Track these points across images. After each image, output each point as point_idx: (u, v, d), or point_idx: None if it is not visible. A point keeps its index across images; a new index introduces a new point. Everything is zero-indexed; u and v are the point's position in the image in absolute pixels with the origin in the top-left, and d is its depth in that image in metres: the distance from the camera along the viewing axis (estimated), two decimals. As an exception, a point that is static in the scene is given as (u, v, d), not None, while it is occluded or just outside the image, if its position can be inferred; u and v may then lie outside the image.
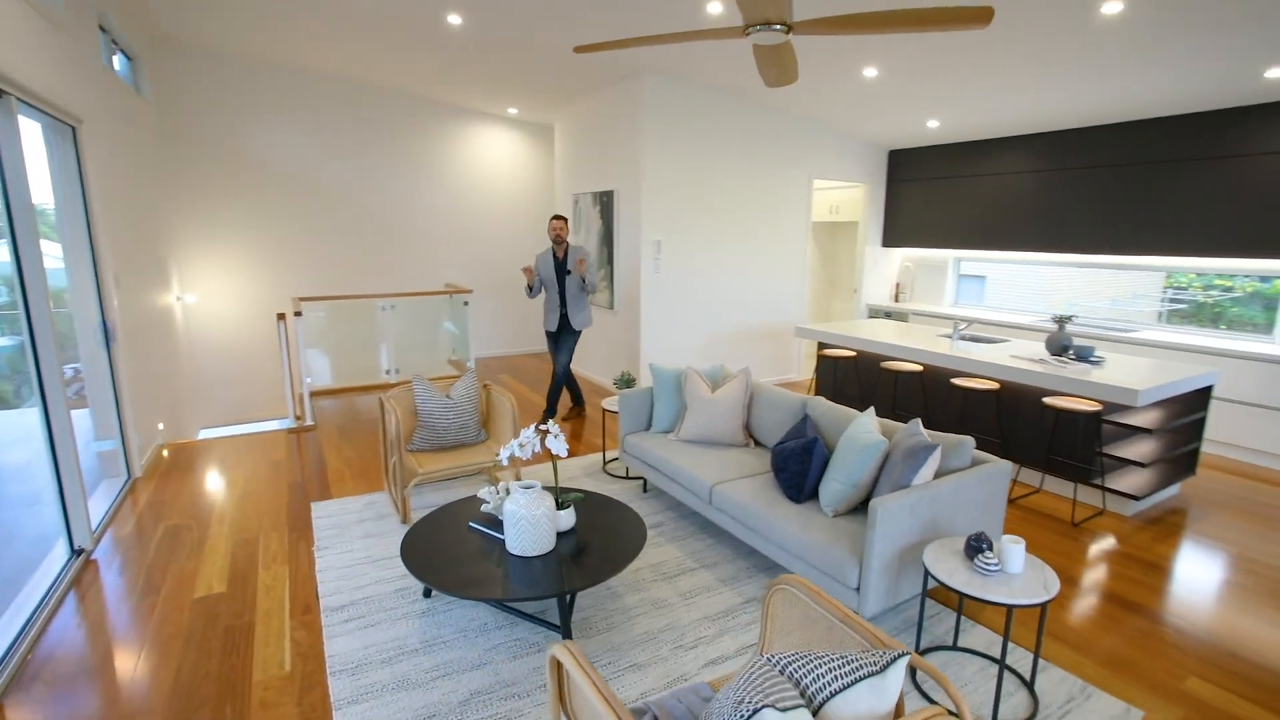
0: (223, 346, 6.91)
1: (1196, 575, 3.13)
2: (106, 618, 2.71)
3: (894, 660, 1.34)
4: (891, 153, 7.34)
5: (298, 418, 5.53)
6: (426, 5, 4.32)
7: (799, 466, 2.94)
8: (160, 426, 5.01)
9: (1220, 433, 4.75)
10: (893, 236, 7.49)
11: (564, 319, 5.21)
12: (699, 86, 5.74)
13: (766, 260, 6.66)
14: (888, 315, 7.41)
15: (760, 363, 6.85)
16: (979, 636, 2.61)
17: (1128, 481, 3.78)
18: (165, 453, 4.77)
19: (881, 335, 5.08)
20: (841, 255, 8.43)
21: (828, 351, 5.26)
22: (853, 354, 5.14)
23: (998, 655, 2.49)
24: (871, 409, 3.03)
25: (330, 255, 7.24)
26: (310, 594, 2.89)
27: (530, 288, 5.08)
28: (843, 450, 2.85)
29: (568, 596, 2.55)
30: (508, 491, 2.86)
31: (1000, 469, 2.73)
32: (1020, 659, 2.48)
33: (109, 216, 4.19)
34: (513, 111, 7.48)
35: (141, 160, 5.35)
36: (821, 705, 1.33)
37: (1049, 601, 2.05)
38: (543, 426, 2.71)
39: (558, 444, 2.72)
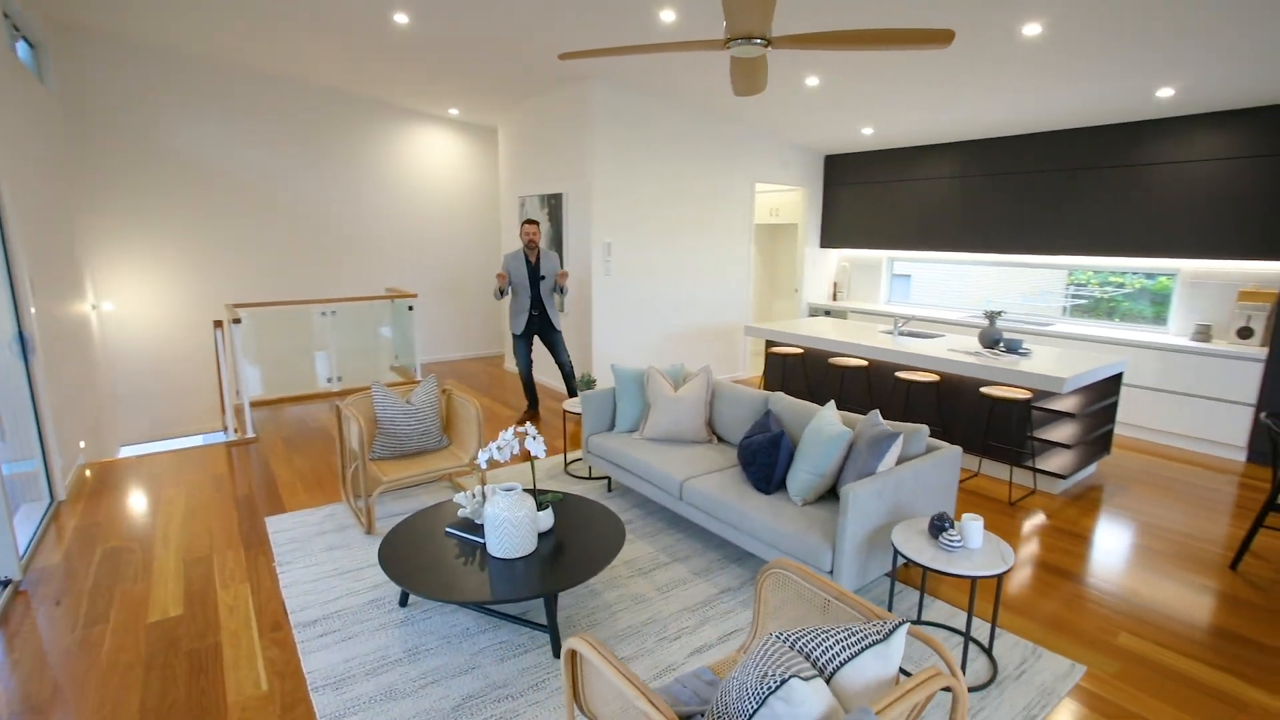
0: (144, 357, 6.48)
1: (1117, 543, 3.46)
2: (50, 651, 2.52)
3: (895, 629, 1.45)
4: (828, 157, 7.67)
5: (236, 430, 5.26)
6: (373, 5, 4.22)
7: (767, 459, 3.07)
8: (82, 445, 4.67)
9: (1127, 415, 5.24)
10: (830, 238, 7.83)
11: (535, 320, 5.31)
12: (646, 92, 5.84)
13: (712, 261, 6.83)
14: (827, 313, 7.74)
15: (709, 361, 7.01)
16: (940, 610, 2.80)
17: (1054, 462, 4.13)
18: (88, 473, 4.44)
19: (827, 333, 5.32)
20: (781, 256, 8.74)
21: (776, 349, 5.46)
22: (800, 351, 5.36)
23: (958, 627, 2.68)
24: (832, 403, 3.20)
25: (264, 260, 6.91)
26: (278, 611, 2.78)
27: (501, 291, 5.10)
28: (808, 442, 2.99)
29: (554, 596, 2.58)
30: (484, 495, 2.85)
31: (952, 454, 2.94)
32: (978, 629, 2.68)
33: (20, 215, 3.87)
34: (454, 113, 7.36)
35: (49, 155, 4.96)
36: (832, 675, 1.43)
37: (1006, 572, 2.24)
38: (521, 429, 2.72)
39: (536, 445, 2.73)
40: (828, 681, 1.42)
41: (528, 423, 2.66)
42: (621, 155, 5.89)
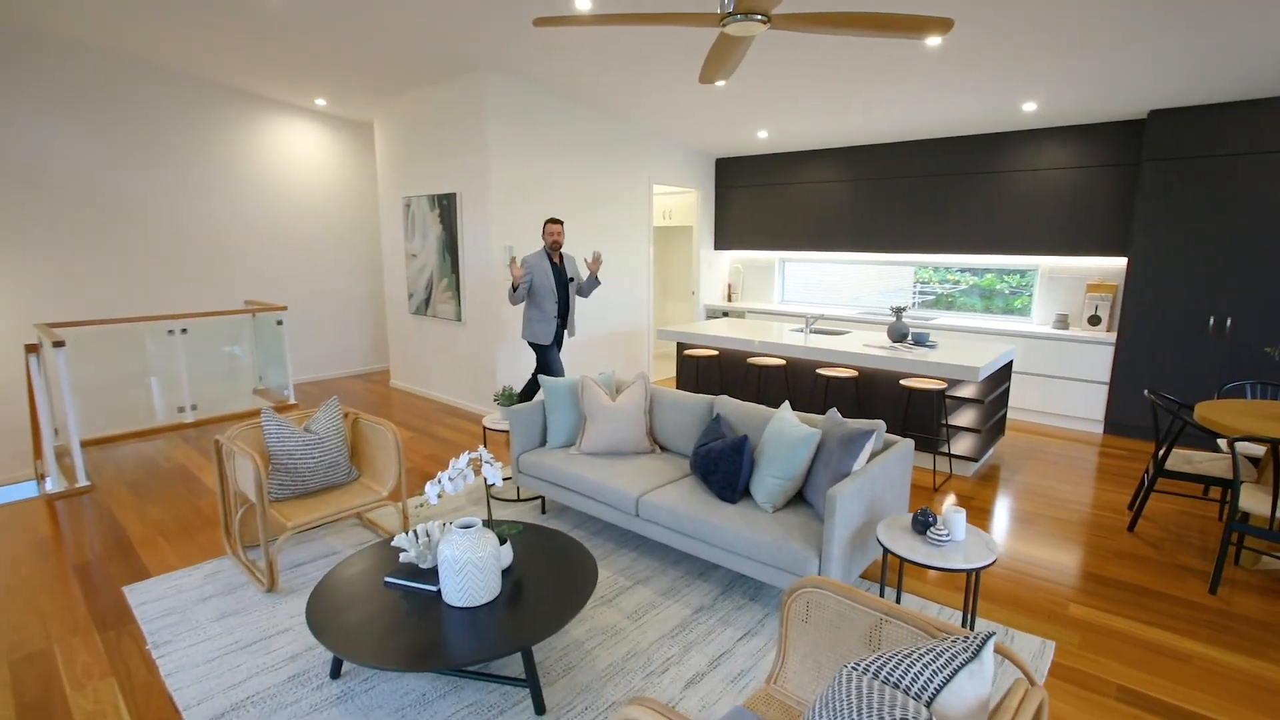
0: (-86, 396, 5.11)
1: (1034, 519, 3.72)
2: None
3: (984, 642, 1.34)
4: (718, 160, 7.79)
5: (64, 478, 4.26)
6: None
7: (730, 466, 2.94)
8: None
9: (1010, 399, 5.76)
10: (723, 240, 7.96)
11: (560, 329, 4.86)
12: (544, 87, 5.55)
13: (614, 264, 6.66)
14: (725, 314, 7.85)
15: (614, 366, 6.83)
16: (911, 604, 2.81)
17: (964, 447, 4.40)
18: None
19: (743, 333, 5.34)
20: (674, 259, 8.77)
21: (691, 352, 5.39)
22: (715, 353, 5.33)
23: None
24: (787, 404, 3.14)
25: (88, 271, 5.72)
26: (164, 708, 2.20)
27: (515, 287, 4.53)
28: (772, 445, 2.90)
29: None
30: (428, 535, 2.45)
31: (908, 447, 2.98)
32: (949, 617, 2.71)
33: None
34: (320, 103, 6.58)
35: None
36: (929, 703, 1.29)
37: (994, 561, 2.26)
38: (474, 454, 2.36)
39: (494, 472, 2.39)
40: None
41: (481, 447, 2.31)
42: (520, 153, 5.55)
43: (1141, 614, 2.76)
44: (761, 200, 7.50)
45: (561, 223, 4.77)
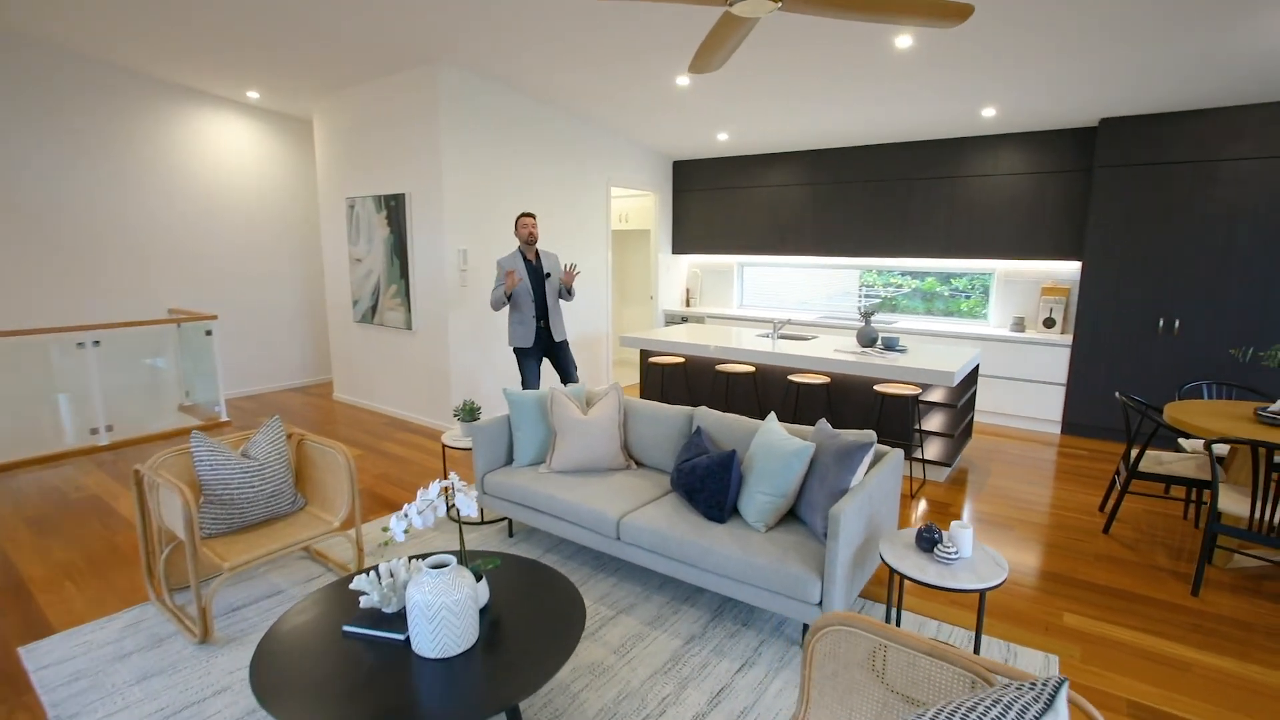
0: None
1: (1012, 524, 3.70)
2: None
3: (1057, 691, 1.20)
4: (676, 163, 7.66)
5: (-54, 517, 3.71)
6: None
7: (718, 484, 2.76)
8: None
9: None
10: (681, 243, 7.83)
11: (543, 332, 4.58)
12: (501, 83, 5.27)
13: (575, 270, 6.42)
14: (684, 319, 7.72)
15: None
16: (908, 621, 2.69)
17: (935, 452, 4.37)
18: None
19: (709, 339, 5.19)
20: (630, 263, 8.59)
21: (656, 359, 5.21)
22: (682, 360, 5.17)
23: (930, 636, 2.59)
24: (773, 415, 2.99)
25: (-28, 276, 5.09)
26: (73, 798, 1.84)
27: (507, 296, 4.34)
28: (762, 460, 2.74)
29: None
30: (392, 575, 2.17)
31: (898, 457, 2.88)
32: (955, 635, 2.61)
33: None
34: (253, 96, 6.09)
35: None
36: (1005, 771, 1.13)
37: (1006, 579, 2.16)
38: (445, 482, 2.10)
39: (467, 502, 2.14)
40: (1008, 782, 1.12)
41: (453, 473, 2.06)
42: (474, 152, 5.25)
43: (1133, 620, 2.73)
44: (720, 203, 7.41)
45: (534, 216, 4.49)
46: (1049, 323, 5.59)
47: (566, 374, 4.79)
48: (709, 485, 2.78)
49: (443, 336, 5.34)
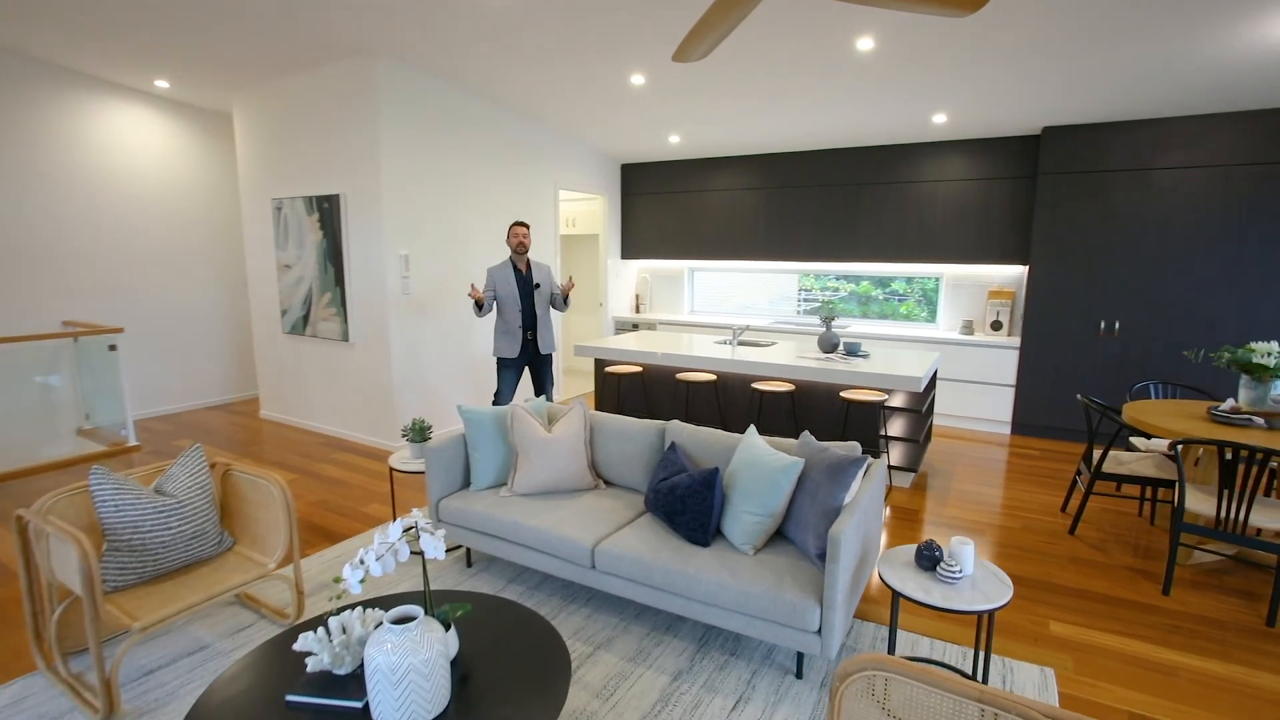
0: None
1: (983, 529, 3.68)
2: None
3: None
4: (624, 166, 7.49)
5: None
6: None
7: (701, 505, 2.58)
8: None
9: (918, 404, 5.89)
10: (630, 249, 7.66)
11: (529, 344, 4.51)
12: (445, 80, 4.96)
13: (524, 276, 6.14)
14: (634, 326, 7.54)
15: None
16: (903, 642, 2.59)
17: (898, 457, 4.34)
18: None
19: (672, 347, 5.03)
20: (577, 269, 8.35)
21: (614, 369, 5.01)
22: (640, 369, 4.99)
23: (927, 655, 2.49)
24: (752, 427, 2.84)
25: None
26: None
27: (480, 305, 4.27)
28: (747, 478, 2.58)
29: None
30: (345, 631, 1.88)
31: (882, 468, 2.78)
32: (949, 654, 2.52)
33: None
34: (162, 85, 5.52)
35: None
36: None
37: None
38: (409, 521, 1.83)
39: (434, 545, 1.87)
40: None
41: (416, 510, 1.80)
42: (417, 152, 4.92)
43: (1116, 625, 2.71)
44: (670, 207, 7.28)
45: (526, 225, 4.44)
46: (996, 325, 5.71)
47: (542, 387, 4.69)
48: (691, 506, 2.60)
49: (384, 349, 4.96)
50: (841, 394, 4.06)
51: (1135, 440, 3.98)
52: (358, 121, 4.74)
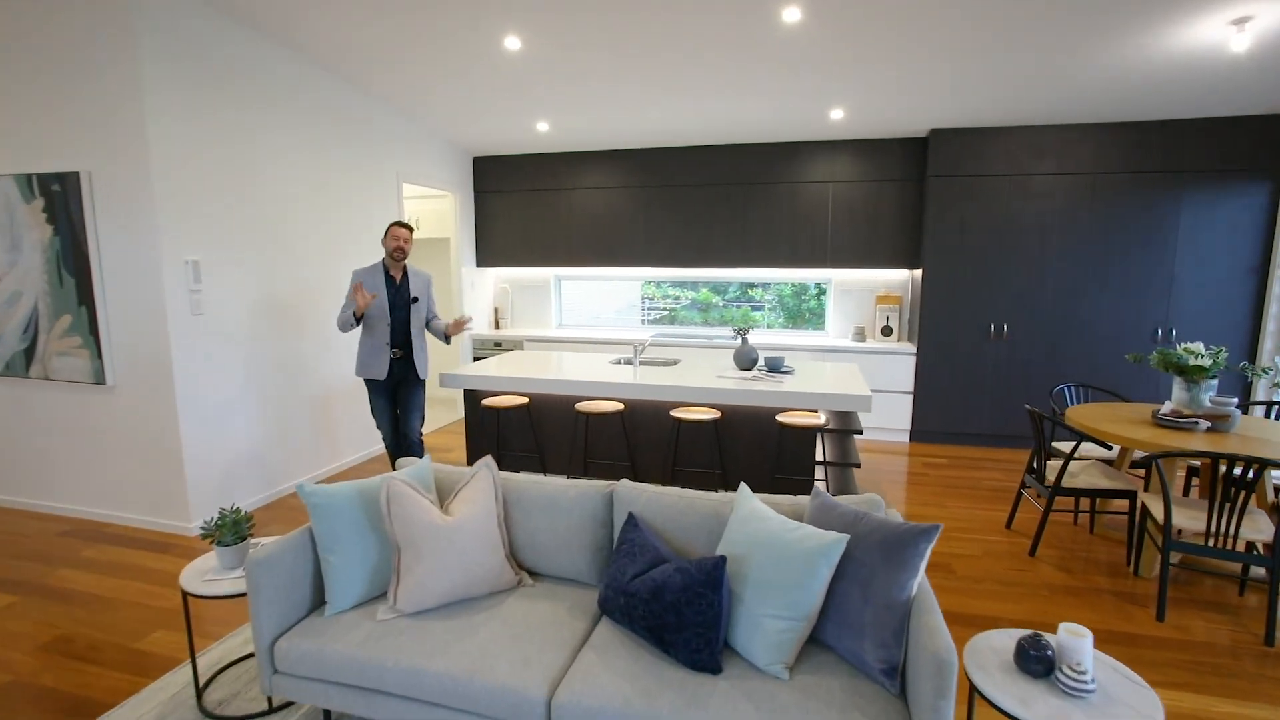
0: None
1: (951, 560, 3.31)
2: None
3: None
4: (476, 159, 6.45)
5: None
6: None
7: (704, 615, 1.78)
8: None
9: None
10: (487, 255, 6.63)
11: (397, 364, 3.86)
12: (244, 21, 3.65)
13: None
14: (497, 345, 6.51)
15: (363, 433, 5.01)
16: (957, 752, 2.01)
17: (836, 486, 3.90)
18: None
19: (566, 373, 4.16)
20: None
21: (490, 401, 4.02)
22: (525, 400, 4.06)
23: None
24: (744, 486, 2.11)
25: None
26: None
27: (356, 318, 3.63)
28: (762, 564, 1.84)
29: None
30: None
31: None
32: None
33: None
34: None
35: None
36: None
37: None
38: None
39: None
40: None
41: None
42: (207, 118, 3.56)
43: (1151, 674, 2.39)
44: (533, 208, 6.39)
45: (410, 228, 3.70)
46: (886, 331, 5.60)
47: (408, 420, 3.87)
48: (688, 617, 1.80)
49: (166, 392, 3.51)
50: (777, 418, 3.50)
51: (1057, 444, 3.88)
52: (107, 69, 3.28)
